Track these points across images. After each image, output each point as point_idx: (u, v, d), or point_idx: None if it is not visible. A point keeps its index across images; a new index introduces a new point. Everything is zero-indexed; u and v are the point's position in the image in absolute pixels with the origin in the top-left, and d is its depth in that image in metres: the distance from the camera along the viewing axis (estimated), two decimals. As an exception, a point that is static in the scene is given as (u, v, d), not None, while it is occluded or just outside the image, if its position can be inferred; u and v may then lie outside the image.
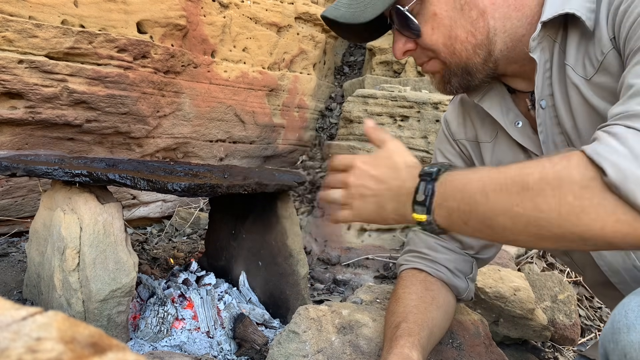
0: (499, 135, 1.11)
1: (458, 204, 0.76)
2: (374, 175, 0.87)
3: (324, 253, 2.90)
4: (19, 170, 1.53)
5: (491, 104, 1.08)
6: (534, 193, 0.68)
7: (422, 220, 0.81)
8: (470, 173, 0.78)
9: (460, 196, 0.76)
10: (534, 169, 0.70)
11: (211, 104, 3.31)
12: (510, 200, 0.70)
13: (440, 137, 1.28)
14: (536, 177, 0.68)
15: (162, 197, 3.29)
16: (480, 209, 0.73)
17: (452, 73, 0.99)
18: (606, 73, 0.86)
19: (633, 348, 0.62)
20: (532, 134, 1.04)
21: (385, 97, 3.13)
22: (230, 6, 3.30)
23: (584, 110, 0.91)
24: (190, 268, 2.13)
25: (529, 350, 1.79)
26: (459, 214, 0.76)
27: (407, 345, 0.96)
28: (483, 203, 0.73)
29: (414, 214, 0.81)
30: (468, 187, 0.75)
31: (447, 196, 0.78)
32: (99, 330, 0.32)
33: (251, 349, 1.67)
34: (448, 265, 1.17)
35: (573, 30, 0.91)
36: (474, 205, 0.74)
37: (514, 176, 0.71)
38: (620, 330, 0.65)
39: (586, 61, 0.90)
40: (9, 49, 2.20)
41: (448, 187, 0.78)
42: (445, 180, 0.79)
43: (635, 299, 0.66)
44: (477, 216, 0.74)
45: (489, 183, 0.73)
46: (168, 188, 1.51)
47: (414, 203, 0.81)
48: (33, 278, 1.74)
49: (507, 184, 0.71)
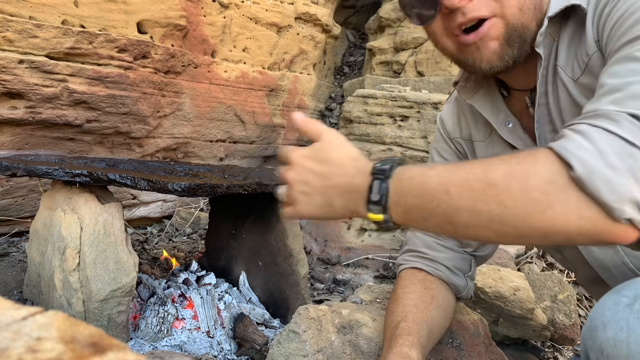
0: (493, 135, 1.12)
1: (417, 201, 0.74)
2: (315, 170, 0.83)
3: (324, 253, 2.90)
4: (19, 170, 1.54)
5: (482, 104, 1.09)
6: (499, 189, 0.67)
7: (379, 220, 0.78)
8: (427, 169, 0.76)
9: (419, 193, 0.74)
10: (499, 166, 0.69)
11: (211, 104, 3.31)
12: (474, 197, 0.69)
13: (436, 137, 1.29)
14: (501, 174, 0.68)
15: (163, 197, 3.29)
16: (441, 206, 0.72)
17: (510, 39, 0.89)
18: (590, 74, 0.87)
19: (609, 344, 0.63)
20: (522, 134, 1.04)
21: (385, 97, 3.13)
22: (230, 6, 3.30)
23: (572, 110, 0.92)
24: (190, 268, 2.14)
25: (529, 350, 1.79)
26: (418, 211, 0.75)
27: (407, 344, 0.96)
28: (445, 200, 0.71)
29: (369, 213, 0.78)
30: (427, 183, 0.73)
31: (403, 193, 0.75)
32: (99, 330, 0.32)
33: (251, 348, 1.68)
34: (447, 263, 1.18)
35: (566, 29, 0.92)
36: (434, 202, 0.72)
37: (477, 172, 0.70)
38: (597, 327, 0.66)
39: (574, 62, 0.91)
40: (10, 49, 2.20)
41: (404, 183, 0.76)
42: (400, 176, 0.76)
43: (611, 297, 0.66)
44: (437, 213, 0.72)
45: (451, 179, 0.72)
46: (168, 188, 1.51)
47: (369, 202, 0.78)
48: (33, 278, 1.75)
49: (470, 180, 0.70)
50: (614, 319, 0.64)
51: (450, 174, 0.72)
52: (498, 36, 0.89)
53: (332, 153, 0.83)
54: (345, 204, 0.81)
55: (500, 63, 0.91)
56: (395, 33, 4.34)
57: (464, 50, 0.93)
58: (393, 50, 4.33)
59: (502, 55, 0.90)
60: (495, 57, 0.91)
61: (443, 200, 0.71)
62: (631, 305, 0.63)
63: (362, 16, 5.79)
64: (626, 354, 0.61)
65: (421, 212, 0.74)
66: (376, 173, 0.78)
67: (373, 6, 5.54)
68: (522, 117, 1.05)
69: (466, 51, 0.93)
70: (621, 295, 0.65)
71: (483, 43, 0.90)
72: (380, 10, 4.48)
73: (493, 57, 0.91)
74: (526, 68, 0.98)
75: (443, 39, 0.95)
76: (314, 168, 0.83)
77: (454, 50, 0.95)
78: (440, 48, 0.99)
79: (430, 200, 0.73)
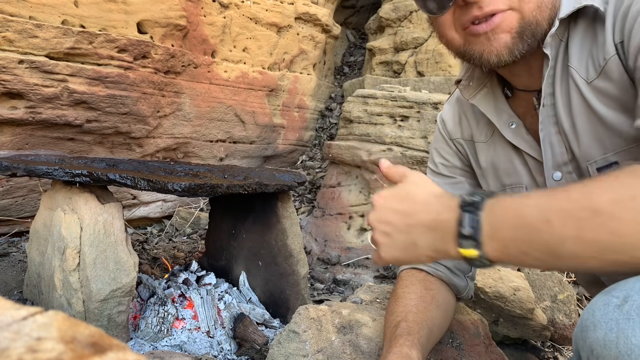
0: (495, 136, 1.11)
1: (514, 233, 0.69)
2: (397, 209, 0.79)
3: (324, 253, 2.90)
4: (19, 170, 1.54)
5: (485, 104, 1.08)
6: (607, 217, 0.63)
7: (474, 256, 0.72)
8: (521, 199, 0.71)
9: (516, 224, 0.69)
10: (600, 190, 0.65)
11: (211, 104, 3.32)
12: (580, 226, 0.64)
13: (437, 137, 1.28)
14: (606, 200, 0.63)
15: (163, 197, 3.29)
16: (543, 237, 0.66)
17: (524, 34, 0.87)
18: (607, 78, 0.85)
19: (598, 344, 0.63)
20: (526, 135, 1.03)
21: (385, 97, 3.13)
22: (230, 6, 3.30)
23: (584, 112, 0.90)
24: (190, 268, 2.14)
25: (529, 350, 1.79)
26: (516, 244, 0.69)
27: (407, 344, 0.96)
28: (546, 231, 0.66)
29: (461, 249, 0.73)
30: (524, 213, 0.69)
31: (498, 225, 0.70)
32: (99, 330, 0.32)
33: (251, 348, 1.68)
34: (447, 264, 1.18)
35: (575, 30, 0.91)
36: (534, 234, 0.67)
37: (579, 200, 0.65)
38: (587, 327, 0.66)
39: (589, 63, 0.89)
40: (10, 49, 2.20)
41: (498, 215, 0.71)
42: (493, 208, 0.71)
43: (602, 298, 0.67)
44: (539, 245, 0.67)
45: (550, 208, 0.67)
46: (168, 188, 1.51)
47: (459, 237, 0.72)
48: (33, 278, 1.75)
49: (573, 209, 0.65)
50: (604, 320, 0.64)
51: (549, 202, 0.68)
52: (511, 29, 0.86)
53: (415, 191, 0.80)
54: (431, 242, 0.76)
55: (510, 57, 0.88)
56: (395, 33, 4.34)
57: (473, 41, 0.90)
58: (393, 50, 4.34)
59: (512, 50, 0.87)
60: (506, 50, 0.87)
61: (544, 231, 0.67)
62: (621, 306, 0.63)
63: (362, 16, 5.79)
64: (615, 354, 0.61)
65: (520, 245, 0.69)
66: (466, 206, 0.73)
67: (373, 6, 5.54)
68: (526, 118, 1.04)
69: (475, 42, 0.89)
70: (611, 296, 0.65)
71: (494, 35, 0.87)
72: (380, 10, 4.48)
73: (503, 50, 0.88)
74: (530, 68, 0.97)
75: (450, 31, 0.92)
76: (395, 207, 0.80)
77: (461, 43, 0.92)
78: (445, 41, 0.96)
79: (529, 231, 0.68)
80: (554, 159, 0.98)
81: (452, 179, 1.22)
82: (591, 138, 0.91)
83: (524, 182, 1.07)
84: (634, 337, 0.60)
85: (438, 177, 1.24)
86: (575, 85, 0.91)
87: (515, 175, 1.08)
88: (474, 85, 1.09)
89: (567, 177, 0.97)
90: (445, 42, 0.96)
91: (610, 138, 0.88)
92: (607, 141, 0.89)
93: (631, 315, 0.61)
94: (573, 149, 0.95)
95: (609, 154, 0.90)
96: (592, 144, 0.91)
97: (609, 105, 0.86)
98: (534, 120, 1.01)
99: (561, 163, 0.97)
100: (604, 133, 0.89)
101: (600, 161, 0.91)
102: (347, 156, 3.05)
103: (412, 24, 4.26)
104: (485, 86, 1.08)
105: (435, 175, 1.25)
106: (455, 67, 3.89)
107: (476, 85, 1.09)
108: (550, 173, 0.99)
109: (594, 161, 0.92)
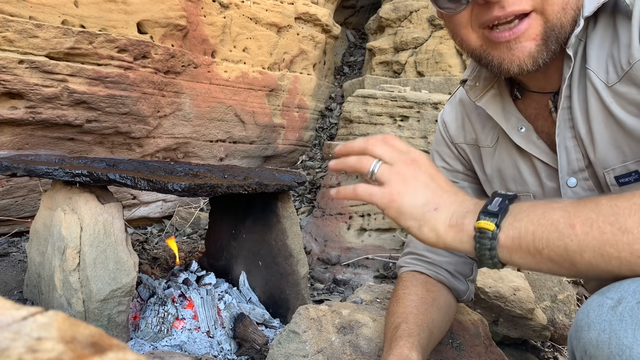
0: (500, 140, 1.06)
1: (534, 228, 0.68)
2: (425, 170, 0.77)
3: (324, 253, 2.90)
4: (19, 170, 1.54)
5: (492, 106, 1.02)
6: (633, 238, 0.63)
7: (488, 228, 0.70)
8: (550, 202, 0.71)
9: (539, 220, 0.68)
10: (631, 210, 0.64)
11: (211, 104, 3.32)
12: (604, 240, 0.64)
13: (438, 140, 1.23)
14: (636, 221, 0.63)
15: (163, 197, 3.29)
16: (563, 240, 0.66)
17: (548, 40, 0.81)
18: (631, 83, 0.80)
19: (592, 345, 0.64)
20: (536, 139, 0.98)
21: (385, 97, 3.13)
22: (230, 6, 3.30)
23: (602, 117, 0.86)
24: (190, 268, 2.14)
25: (529, 350, 1.79)
26: (532, 239, 0.68)
27: (407, 345, 0.96)
28: (568, 234, 0.66)
29: (479, 221, 0.71)
30: (549, 213, 0.68)
31: (521, 217, 0.70)
32: (100, 330, 0.32)
33: (251, 348, 1.68)
34: (448, 268, 1.17)
35: (594, 30, 0.86)
36: (555, 234, 0.67)
37: (608, 215, 0.65)
38: (582, 328, 0.66)
39: (609, 65, 0.83)
40: (10, 49, 2.20)
41: (524, 208, 0.71)
42: (522, 204, 0.72)
43: (597, 299, 0.67)
44: (556, 247, 0.67)
45: (578, 215, 0.66)
46: (168, 188, 1.51)
47: (482, 212, 0.71)
48: (33, 278, 1.75)
49: (600, 222, 0.65)
50: (597, 320, 0.64)
51: (577, 210, 0.68)
52: (535, 36, 0.80)
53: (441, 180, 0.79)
54: (453, 209, 0.74)
55: (533, 67, 0.83)
56: (395, 33, 4.34)
57: (492, 47, 0.84)
58: (393, 50, 4.34)
59: (536, 59, 0.82)
60: (530, 60, 0.82)
61: (566, 234, 0.66)
62: (615, 307, 0.63)
63: (362, 16, 5.79)
64: (607, 355, 0.61)
65: (536, 241, 0.68)
66: (499, 195, 0.74)
67: (373, 6, 5.54)
68: (538, 121, 0.99)
69: (494, 49, 0.84)
70: (606, 297, 0.65)
71: (517, 44, 0.81)
72: (380, 10, 4.48)
73: (527, 59, 0.82)
74: (547, 69, 0.90)
75: (466, 31, 0.86)
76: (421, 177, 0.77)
77: (477, 45, 0.86)
78: (460, 40, 0.89)
79: (551, 230, 0.67)
80: (570, 165, 0.93)
81: (454, 184, 1.19)
82: (609, 145, 0.86)
83: (531, 190, 1.03)
84: (625, 338, 0.60)
85: None
86: (593, 88, 0.85)
87: (522, 182, 1.03)
88: (480, 86, 1.03)
89: (583, 183, 0.93)
90: (459, 41, 0.90)
91: (631, 146, 0.84)
92: (626, 149, 0.84)
93: (624, 316, 0.61)
94: (589, 155, 0.90)
95: (629, 162, 0.85)
96: (610, 151, 0.86)
97: (630, 111, 0.81)
98: (546, 124, 0.97)
99: (577, 169, 0.93)
100: (623, 140, 0.84)
101: (619, 169, 0.87)
102: (347, 156, 3.04)
103: (412, 24, 4.26)
104: (493, 87, 1.02)
105: None
106: (455, 67, 3.89)
107: (483, 86, 1.03)
108: (565, 179, 0.95)
109: (612, 169, 0.87)
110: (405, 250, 1.26)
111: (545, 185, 1.00)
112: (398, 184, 0.76)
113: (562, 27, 0.81)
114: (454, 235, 0.74)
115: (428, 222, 0.75)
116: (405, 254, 1.25)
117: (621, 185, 0.87)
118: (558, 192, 0.97)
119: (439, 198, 0.76)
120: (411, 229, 0.76)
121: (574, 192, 0.94)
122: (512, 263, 0.72)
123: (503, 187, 1.08)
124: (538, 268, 0.71)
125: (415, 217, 0.75)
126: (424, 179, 0.77)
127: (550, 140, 0.97)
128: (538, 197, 1.02)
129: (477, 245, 0.71)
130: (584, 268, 0.67)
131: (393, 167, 0.77)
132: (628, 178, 0.86)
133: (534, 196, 1.02)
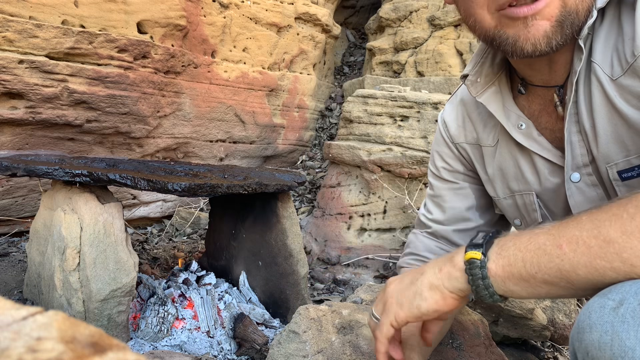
0: (501, 139, 1.05)
1: (523, 254, 0.71)
2: (404, 283, 0.85)
3: (324, 253, 2.90)
4: (19, 170, 1.54)
5: (493, 103, 1.01)
6: (619, 247, 0.64)
7: (476, 257, 0.74)
8: (533, 228, 0.73)
9: (525, 247, 0.71)
10: (611, 221, 0.66)
11: (211, 104, 3.32)
12: (592, 254, 0.66)
13: (438, 140, 1.22)
14: (617, 230, 0.65)
15: (163, 197, 3.29)
16: (554, 261, 0.68)
17: (564, 24, 0.80)
18: (636, 76, 0.80)
19: (594, 346, 0.64)
20: (537, 136, 0.97)
21: (385, 97, 3.13)
22: (230, 6, 3.30)
23: (605, 111, 0.85)
24: (190, 268, 2.14)
25: (529, 350, 1.79)
26: (523, 264, 0.71)
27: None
28: (557, 255, 0.68)
29: (467, 252, 0.75)
30: (534, 239, 0.71)
31: (508, 246, 0.73)
32: (100, 330, 0.32)
33: (251, 348, 1.68)
34: None
35: (602, 22, 0.85)
36: (544, 257, 0.69)
37: (590, 228, 0.67)
38: (584, 329, 0.66)
39: (614, 59, 0.83)
40: (10, 49, 2.20)
41: (509, 238, 0.74)
42: (506, 236, 0.76)
43: (598, 300, 0.66)
44: (549, 268, 0.69)
45: (562, 236, 0.69)
46: (168, 188, 1.51)
47: (469, 245, 0.76)
48: (33, 278, 1.75)
49: (584, 237, 0.67)
50: (599, 322, 0.64)
51: (560, 230, 0.70)
52: (551, 16, 0.79)
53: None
54: (437, 268, 0.80)
55: (547, 48, 0.81)
56: (395, 33, 4.35)
57: (507, 24, 0.82)
58: (393, 50, 4.34)
59: (550, 40, 0.80)
60: (545, 39, 0.80)
61: (555, 255, 0.68)
62: (616, 308, 0.63)
63: (362, 16, 5.79)
64: (609, 356, 0.61)
65: (527, 266, 0.71)
66: (482, 231, 0.78)
67: (373, 6, 5.54)
68: (542, 117, 0.97)
69: (510, 25, 0.82)
70: (607, 299, 0.65)
71: (534, 21, 0.79)
72: (380, 10, 4.48)
73: (542, 39, 0.80)
74: (553, 62, 0.89)
75: (482, 11, 0.84)
76: (398, 285, 0.85)
77: (492, 26, 0.85)
78: (473, 21, 0.87)
79: (539, 254, 0.70)
80: (574, 160, 0.92)
81: (454, 184, 1.17)
82: (611, 139, 0.86)
83: (533, 188, 1.02)
84: (628, 339, 0.60)
85: (440, 181, 1.19)
86: (597, 81, 0.84)
87: (524, 181, 1.03)
88: (482, 82, 1.02)
89: (586, 179, 0.92)
90: (472, 23, 0.88)
91: (634, 140, 0.83)
92: (629, 143, 0.84)
93: (626, 318, 0.61)
94: (592, 149, 0.89)
95: (632, 156, 0.85)
96: (612, 146, 0.86)
97: (634, 104, 0.81)
98: (551, 119, 0.96)
99: (581, 164, 0.92)
100: (626, 134, 0.84)
101: (621, 164, 0.86)
102: (347, 156, 3.05)
103: (412, 24, 4.26)
104: (494, 84, 1.01)
105: (436, 179, 1.20)
106: (455, 67, 3.89)
107: (484, 82, 1.02)
108: (569, 174, 0.94)
109: (614, 163, 0.87)
110: (406, 250, 1.26)
111: (545, 183, 0.99)
112: (380, 302, 0.88)
113: (577, 15, 0.81)
114: (448, 275, 0.79)
115: (422, 286, 0.81)
116: (405, 254, 1.25)
117: (624, 180, 0.86)
118: (558, 189, 0.97)
119: (421, 269, 0.83)
120: (419, 306, 0.81)
121: (577, 187, 0.93)
122: (509, 292, 0.75)
123: (505, 186, 1.07)
124: (537, 293, 0.73)
125: (413, 293, 0.82)
126: (397, 281, 0.86)
127: (552, 137, 0.96)
128: (539, 195, 1.01)
129: (469, 278, 0.76)
130: (582, 285, 0.69)
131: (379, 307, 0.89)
132: (631, 173, 0.86)
133: (536, 195, 1.01)
